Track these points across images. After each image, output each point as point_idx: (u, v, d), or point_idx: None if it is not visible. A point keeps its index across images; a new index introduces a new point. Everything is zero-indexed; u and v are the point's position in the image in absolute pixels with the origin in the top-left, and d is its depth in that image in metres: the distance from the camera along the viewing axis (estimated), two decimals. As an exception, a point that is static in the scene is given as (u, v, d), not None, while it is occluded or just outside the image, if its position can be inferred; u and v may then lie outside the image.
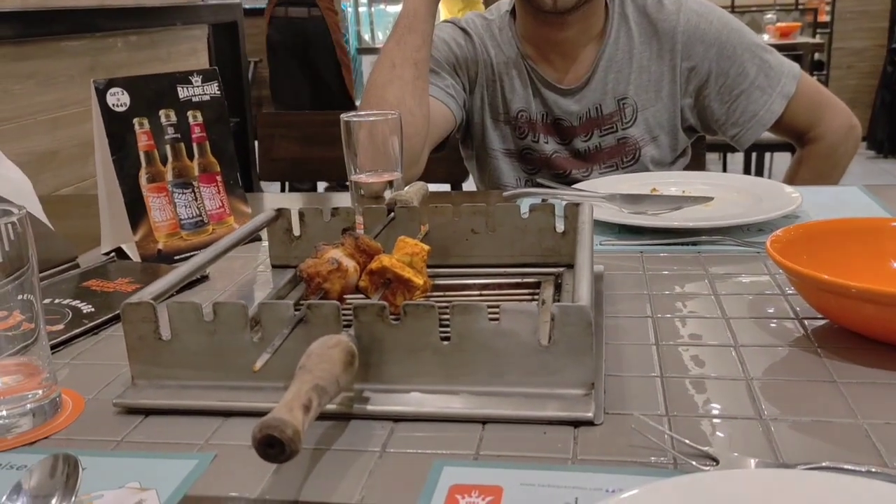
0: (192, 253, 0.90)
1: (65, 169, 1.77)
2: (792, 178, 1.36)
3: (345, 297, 0.64)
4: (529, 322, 0.53)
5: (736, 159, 3.98)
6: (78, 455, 0.46)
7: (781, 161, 3.60)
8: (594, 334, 0.53)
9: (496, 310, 0.54)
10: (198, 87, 0.93)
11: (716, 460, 0.46)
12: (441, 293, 0.74)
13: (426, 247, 0.68)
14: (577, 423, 0.52)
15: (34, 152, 1.69)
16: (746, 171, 3.47)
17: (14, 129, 1.63)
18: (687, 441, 0.48)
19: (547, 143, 1.33)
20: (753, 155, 3.50)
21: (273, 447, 0.42)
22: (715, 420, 0.51)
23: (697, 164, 1.48)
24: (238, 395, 0.56)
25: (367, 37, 6.94)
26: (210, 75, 0.95)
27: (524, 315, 0.53)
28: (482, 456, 0.49)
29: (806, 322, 0.65)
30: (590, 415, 0.52)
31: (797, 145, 1.39)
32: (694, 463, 0.46)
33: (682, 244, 0.87)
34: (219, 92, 0.95)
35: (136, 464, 0.50)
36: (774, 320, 0.66)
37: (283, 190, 2.08)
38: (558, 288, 0.74)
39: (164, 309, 0.57)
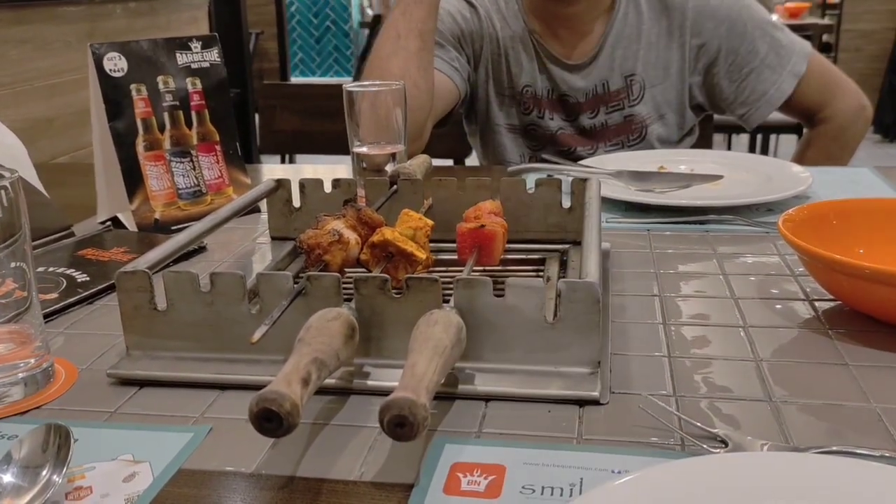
0: (188, 223, 0.89)
1: (61, 137, 1.75)
2: (800, 159, 1.34)
3: (345, 270, 0.63)
4: (535, 298, 0.51)
5: (741, 141, 3.95)
6: (70, 426, 0.45)
7: (787, 143, 3.58)
8: (601, 312, 0.52)
9: (501, 285, 0.52)
10: (197, 53, 0.91)
11: (725, 442, 0.45)
12: (443, 268, 0.73)
13: (430, 222, 0.66)
14: (582, 402, 0.50)
15: (30, 119, 1.67)
16: (752, 152, 3.44)
17: (10, 94, 1.61)
18: (695, 422, 0.47)
19: (552, 119, 1.31)
20: (759, 137, 3.46)
21: (270, 421, 0.40)
22: (723, 401, 0.50)
23: (705, 143, 1.46)
24: (235, 367, 0.55)
25: (370, 10, 6.86)
26: (210, 41, 0.93)
27: (530, 290, 0.52)
28: (485, 434, 0.48)
29: (816, 304, 0.64)
30: (595, 394, 0.50)
31: (806, 125, 1.37)
32: (704, 446, 0.45)
33: (690, 223, 0.85)
34: (219, 59, 0.93)
35: (130, 436, 0.48)
36: (784, 301, 0.65)
37: (283, 162, 2.06)
38: (563, 265, 0.73)
39: (160, 278, 0.56)
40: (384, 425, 0.40)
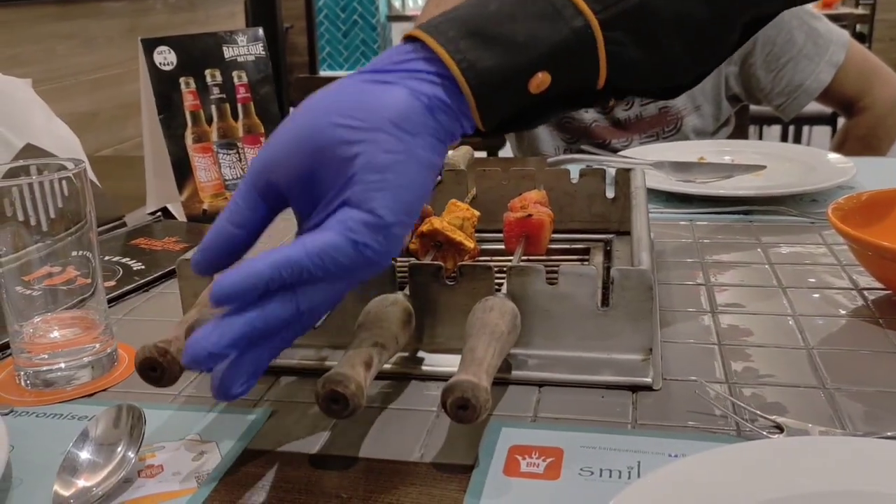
0: (236, 214, 0.90)
1: (104, 130, 1.78)
2: (839, 149, 1.33)
3: (396, 258, 0.64)
4: (588, 285, 0.52)
5: (773, 132, 3.89)
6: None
7: (821, 135, 3.53)
8: (654, 299, 0.52)
9: (553, 272, 0.53)
10: (243, 46, 0.93)
11: (780, 428, 0.45)
12: (488, 258, 0.74)
13: (476, 212, 0.67)
14: (635, 388, 0.51)
15: (75, 113, 1.70)
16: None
17: (56, 89, 1.64)
18: (751, 408, 0.47)
19: (587, 111, 1.31)
20: (791, 128, 3.42)
21: (337, 402, 0.42)
22: (776, 388, 0.51)
23: (741, 133, 1.45)
24: (291, 352, 0.56)
25: (397, 4, 6.87)
26: (254, 35, 0.94)
27: (583, 278, 0.52)
28: (540, 418, 0.49)
29: (866, 293, 0.64)
30: (648, 380, 0.51)
31: (844, 115, 1.36)
32: (765, 433, 0.45)
33: (733, 213, 0.85)
34: (263, 52, 0.95)
35: (195, 417, 0.50)
36: (833, 290, 0.65)
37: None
38: (608, 255, 0.73)
39: (219, 266, 0.57)
40: (447, 407, 0.42)
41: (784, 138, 3.43)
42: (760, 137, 3.64)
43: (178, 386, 0.54)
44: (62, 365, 0.55)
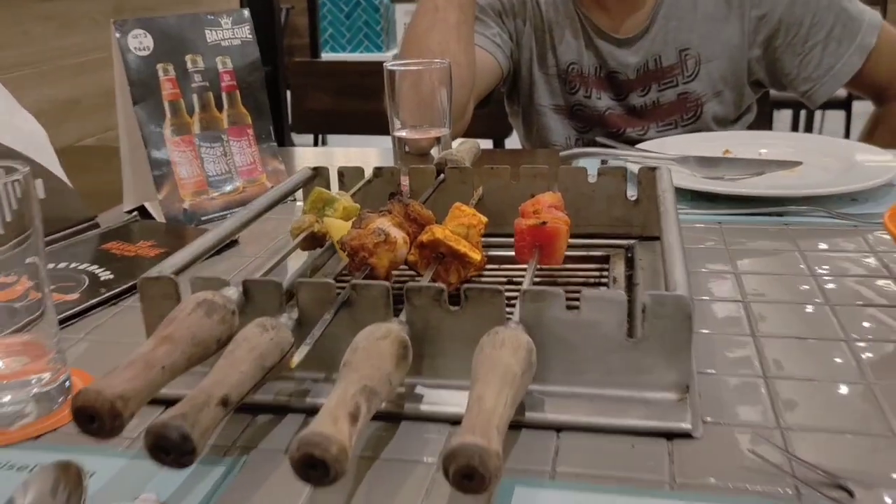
0: (219, 213, 0.83)
1: (87, 118, 1.70)
2: (867, 140, 1.25)
3: (392, 273, 0.56)
4: (615, 312, 0.45)
5: (782, 116, 3.79)
6: (85, 456, 0.40)
7: (833, 120, 3.43)
8: (691, 330, 0.45)
9: (573, 294, 0.46)
10: (227, 30, 0.85)
11: (849, 491, 0.38)
12: (496, 266, 0.66)
13: (484, 219, 0.60)
14: (670, 435, 0.43)
15: (55, 100, 1.62)
16: (794, 131, 3.29)
17: (34, 74, 1.56)
18: (812, 464, 0.40)
19: (600, 98, 1.23)
20: (802, 113, 3.32)
21: (315, 468, 0.34)
22: (838, 435, 0.43)
23: (762, 121, 1.37)
24: (269, 386, 0.49)
25: (400, -16, 6.75)
26: (240, 17, 0.86)
27: (609, 303, 0.45)
28: (559, 473, 0.41)
29: (928, 313, 0.56)
30: (686, 425, 0.43)
31: (874, 103, 1.28)
32: (834, 496, 0.37)
33: (766, 214, 0.77)
34: (250, 36, 0.87)
35: (152, 469, 0.42)
36: (889, 309, 0.57)
37: (315, 143, 2.01)
38: (629, 263, 0.66)
39: (188, 284, 0.50)
40: (449, 476, 0.34)
41: (795, 124, 3.33)
42: (770, 122, 3.53)
43: (135, 428, 0.47)
44: (6, 400, 0.48)
